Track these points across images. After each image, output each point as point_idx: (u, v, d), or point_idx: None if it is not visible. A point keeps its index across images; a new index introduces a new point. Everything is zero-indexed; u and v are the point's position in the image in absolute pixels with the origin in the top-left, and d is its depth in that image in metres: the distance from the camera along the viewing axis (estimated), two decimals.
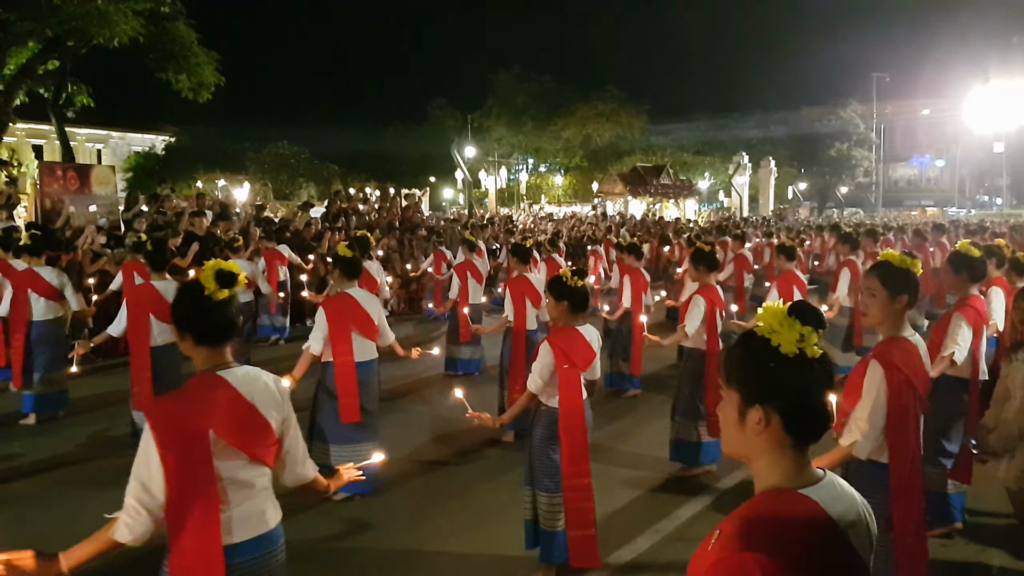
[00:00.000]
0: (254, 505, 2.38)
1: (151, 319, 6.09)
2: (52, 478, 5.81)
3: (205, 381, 2.36)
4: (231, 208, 15.26)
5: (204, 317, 2.37)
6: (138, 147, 43.07)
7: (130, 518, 2.20)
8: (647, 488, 5.62)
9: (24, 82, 18.95)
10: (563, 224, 22.29)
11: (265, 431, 2.39)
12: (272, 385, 2.47)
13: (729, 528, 1.42)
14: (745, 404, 1.50)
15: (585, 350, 4.13)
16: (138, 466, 2.22)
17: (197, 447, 2.23)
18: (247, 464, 2.35)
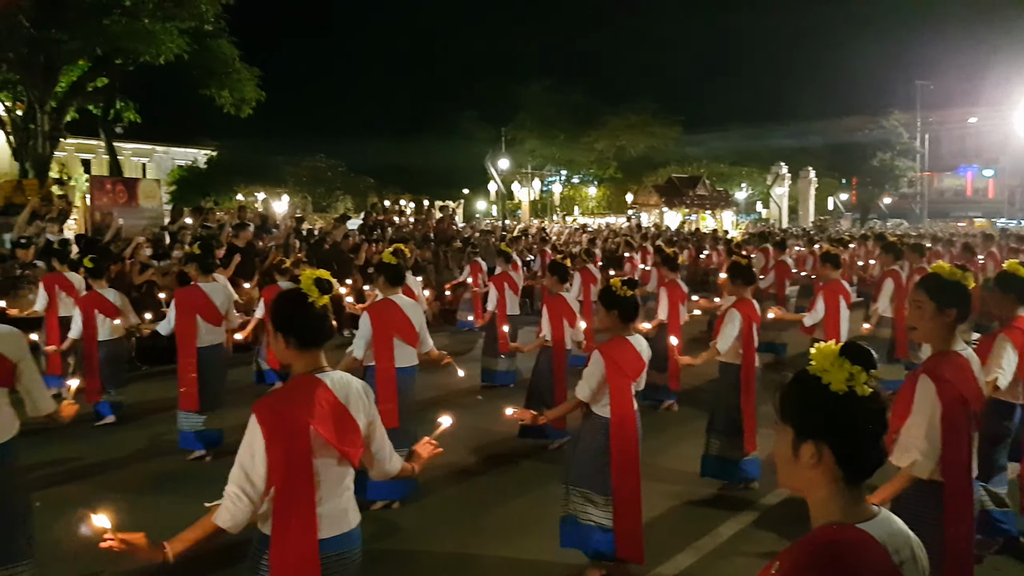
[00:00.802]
0: (340, 503, 2.53)
1: (198, 320, 6.24)
2: (101, 482, 5.96)
3: (305, 382, 2.50)
4: (271, 221, 15.52)
5: (307, 322, 2.51)
6: (181, 161, 44.10)
7: (232, 504, 2.36)
8: (687, 504, 5.57)
9: (75, 99, 19.54)
10: (598, 235, 22.20)
11: (355, 432, 2.53)
12: (361, 390, 2.60)
13: (789, 562, 1.46)
14: (798, 439, 1.55)
15: (636, 360, 4.18)
16: (242, 456, 2.38)
17: (300, 440, 2.38)
18: (337, 462, 2.50)
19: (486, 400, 8.73)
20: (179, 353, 6.33)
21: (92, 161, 38.87)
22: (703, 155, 50.34)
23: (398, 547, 4.80)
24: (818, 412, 1.52)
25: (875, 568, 1.45)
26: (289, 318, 2.53)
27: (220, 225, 13.44)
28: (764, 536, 4.99)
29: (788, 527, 4.68)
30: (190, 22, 17.74)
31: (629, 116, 48.84)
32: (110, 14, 16.23)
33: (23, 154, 18.90)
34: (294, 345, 2.52)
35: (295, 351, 2.53)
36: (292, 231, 14.77)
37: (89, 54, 18.30)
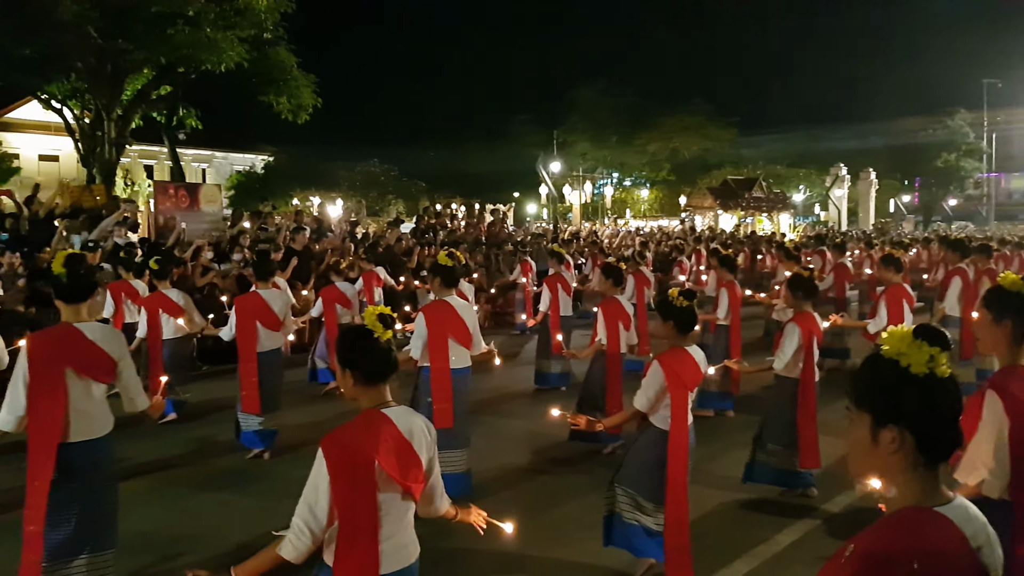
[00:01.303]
0: (402, 539, 2.54)
1: (258, 326, 6.38)
2: (159, 479, 6.11)
3: (371, 417, 2.52)
4: (327, 224, 15.79)
5: (372, 357, 2.53)
6: (239, 166, 45.22)
7: (296, 538, 2.41)
8: (744, 510, 5.47)
9: (140, 106, 20.23)
10: (650, 238, 21.99)
11: (417, 467, 2.54)
12: (424, 426, 2.62)
13: (864, 545, 1.45)
14: (877, 425, 1.53)
15: (694, 371, 4.15)
16: (307, 490, 2.42)
17: (365, 475, 2.40)
18: (400, 497, 2.51)
19: (539, 402, 8.71)
20: (240, 358, 6.47)
21: (154, 167, 40.19)
22: (759, 157, 49.47)
23: (450, 547, 4.82)
24: (899, 396, 1.51)
25: (954, 551, 1.44)
26: (354, 354, 2.56)
27: (277, 229, 13.74)
28: (822, 543, 4.88)
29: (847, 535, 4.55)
30: (250, 30, 18.19)
31: (683, 118, 48.24)
32: (174, 24, 16.74)
33: (91, 160, 19.65)
34: (360, 380, 2.55)
35: (361, 386, 2.56)
36: (347, 234, 15.01)
37: (153, 63, 18.91)
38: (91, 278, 3.94)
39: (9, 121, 36.56)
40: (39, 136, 36.16)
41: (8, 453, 6.48)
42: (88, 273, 3.88)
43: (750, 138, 49.84)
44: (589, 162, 49.53)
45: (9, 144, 34.15)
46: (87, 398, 3.69)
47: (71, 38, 16.76)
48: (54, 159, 37.28)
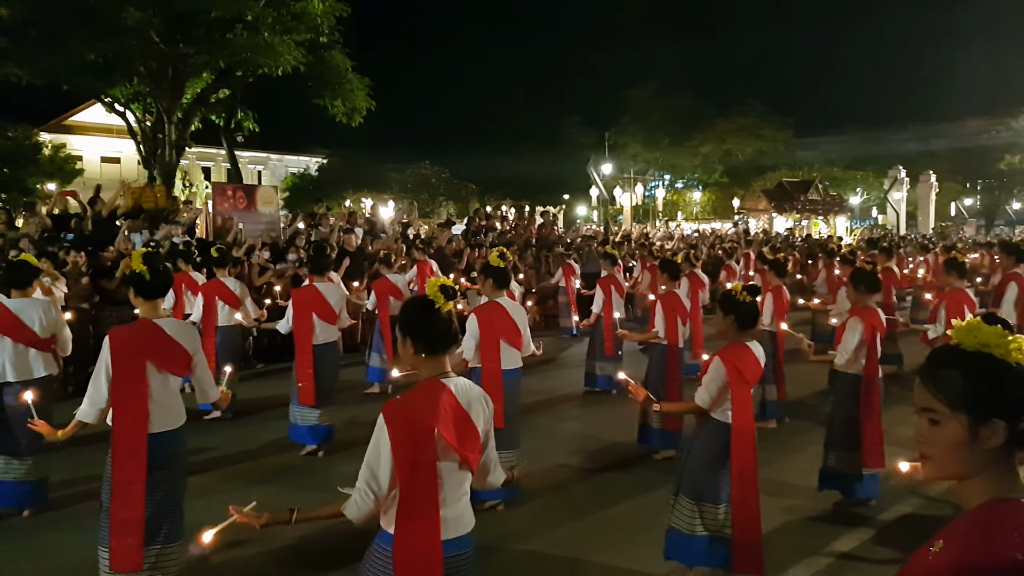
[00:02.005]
0: (459, 507, 2.59)
1: (314, 318, 6.47)
2: (214, 474, 6.21)
3: (431, 386, 2.56)
4: (380, 225, 15.96)
5: (433, 327, 2.58)
6: (294, 168, 46.17)
7: (360, 498, 2.48)
8: (799, 518, 5.34)
9: (199, 109, 20.74)
10: (703, 241, 21.67)
11: (475, 438, 2.59)
12: (482, 398, 2.67)
13: (956, 538, 1.40)
14: (977, 422, 1.45)
15: (755, 366, 4.12)
16: (370, 454, 2.48)
17: (425, 443, 2.45)
18: (458, 467, 2.55)
19: (588, 405, 8.66)
20: (296, 350, 6.58)
21: (212, 168, 41.25)
22: (815, 159, 48.44)
23: (498, 547, 4.81)
24: (1002, 388, 1.44)
25: None
26: (416, 323, 2.60)
27: (331, 230, 13.93)
28: (881, 552, 4.75)
29: (907, 544, 4.41)
30: (307, 34, 18.48)
31: (737, 119, 47.41)
32: (233, 28, 17.12)
33: (152, 162, 20.21)
34: (421, 350, 2.58)
35: (421, 356, 2.59)
36: (399, 235, 15.15)
37: (213, 67, 19.37)
38: (168, 276, 4.07)
39: (73, 124, 37.95)
40: (101, 139, 37.49)
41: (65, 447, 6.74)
42: (166, 271, 4.01)
43: (806, 140, 48.91)
44: (640, 164, 49.04)
45: (73, 146, 35.40)
46: (165, 391, 3.84)
47: (134, 43, 17.27)
48: (115, 161, 38.57)
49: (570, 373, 9.90)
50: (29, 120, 31.60)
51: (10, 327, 5.10)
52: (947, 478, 1.52)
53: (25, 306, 5.18)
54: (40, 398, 5.04)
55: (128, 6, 15.76)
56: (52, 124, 36.59)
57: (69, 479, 5.87)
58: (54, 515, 5.36)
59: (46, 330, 5.20)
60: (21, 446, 5.13)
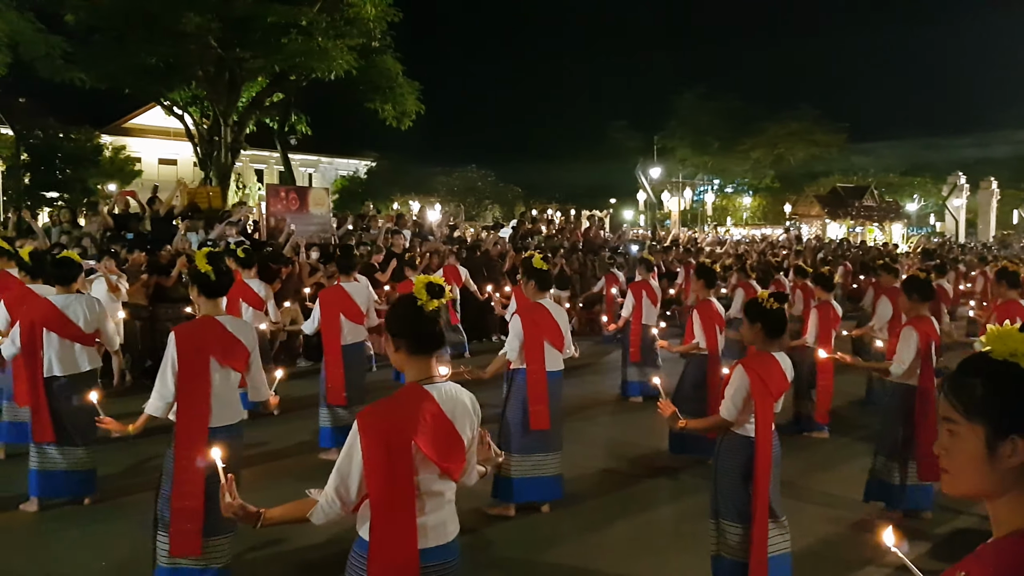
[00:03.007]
0: (441, 516, 2.49)
1: (342, 319, 6.50)
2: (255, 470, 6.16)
3: (412, 393, 2.47)
4: (427, 228, 16.07)
5: (416, 326, 2.50)
6: (344, 171, 46.81)
7: (327, 504, 2.41)
8: (845, 530, 5.20)
9: (254, 113, 21.21)
10: (753, 247, 21.30)
11: (459, 448, 2.48)
12: (469, 404, 2.56)
13: (982, 568, 1.31)
14: (996, 437, 1.35)
15: (780, 379, 3.93)
16: (341, 461, 2.39)
17: (401, 454, 2.36)
18: (438, 477, 2.46)
19: (625, 410, 8.56)
20: (325, 350, 6.60)
21: (264, 171, 42.08)
22: (870, 164, 47.26)
23: (536, 552, 4.77)
24: (1021, 402, 1.34)
25: None
26: (398, 322, 2.54)
27: (380, 232, 14.08)
28: (934, 566, 4.56)
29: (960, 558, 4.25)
30: (359, 39, 18.75)
31: (789, 123, 46.50)
32: (288, 33, 17.45)
33: (208, 164, 20.73)
34: (404, 350, 2.51)
35: (405, 356, 2.52)
36: (445, 238, 15.23)
37: (268, 71, 19.79)
38: (230, 275, 4.17)
39: (133, 127, 39.09)
40: (159, 141, 38.53)
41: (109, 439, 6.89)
42: (228, 271, 4.12)
43: (860, 145, 47.73)
44: (689, 168, 48.52)
45: (132, 148, 36.46)
46: (226, 386, 3.95)
47: (193, 48, 17.74)
48: (172, 163, 39.61)
49: (605, 379, 9.84)
50: (91, 123, 32.62)
51: (56, 323, 5.24)
52: (967, 495, 1.42)
53: (70, 302, 5.32)
54: (85, 392, 5.22)
55: (187, 11, 16.19)
56: (113, 127, 37.73)
57: (120, 471, 6.03)
58: (107, 505, 5.51)
59: (90, 325, 5.33)
60: (75, 436, 5.28)
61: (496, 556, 4.71)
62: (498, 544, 4.90)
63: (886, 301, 7.73)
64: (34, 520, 5.27)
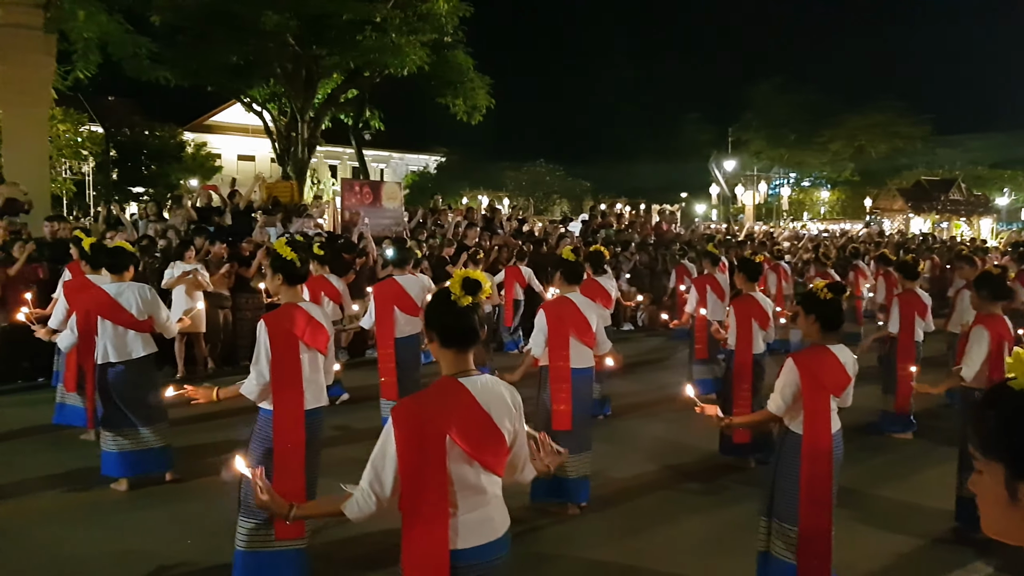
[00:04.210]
0: (484, 512, 2.43)
1: (396, 312, 6.54)
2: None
3: (447, 386, 2.45)
4: (498, 220, 16.11)
5: (449, 320, 2.47)
6: (414, 166, 47.45)
7: (361, 499, 2.39)
8: (926, 542, 4.91)
9: (329, 109, 21.65)
10: (832, 241, 20.59)
11: (498, 440, 2.43)
12: (508, 396, 2.51)
13: None
14: (1013, 478, 1.20)
15: (837, 372, 3.76)
16: (375, 455, 2.39)
17: (434, 448, 2.32)
18: (479, 471, 2.40)
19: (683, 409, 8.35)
20: (378, 344, 6.61)
21: (338, 166, 42.97)
22: (956, 157, 45.16)
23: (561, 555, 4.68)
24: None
25: None
26: (434, 317, 2.52)
27: (451, 225, 14.20)
28: None
29: None
30: (432, 35, 18.90)
31: (870, 115, 44.74)
32: (363, 30, 17.71)
33: (285, 159, 21.28)
34: (438, 343, 2.50)
35: (439, 348, 2.50)
36: (514, 232, 15.24)
37: (343, 68, 20.15)
38: (308, 265, 4.27)
39: (213, 124, 40.50)
40: (238, 138, 39.81)
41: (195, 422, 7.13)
42: (307, 260, 4.21)
43: (946, 137, 45.66)
44: (764, 161, 47.29)
45: (212, 145, 37.77)
46: (315, 369, 4.06)
47: (272, 46, 18.21)
48: (251, 159, 40.84)
49: (668, 375, 9.65)
50: (175, 120, 33.98)
51: (109, 310, 5.43)
52: (999, 538, 1.28)
53: (123, 290, 5.50)
54: (141, 377, 5.42)
55: (266, 10, 16.61)
56: (195, 124, 39.17)
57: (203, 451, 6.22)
58: (191, 485, 5.72)
59: (143, 312, 5.49)
60: (135, 419, 5.50)
61: (534, 552, 4.63)
62: (538, 540, 4.83)
63: (966, 295, 7.36)
64: (124, 498, 5.50)
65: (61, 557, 4.57)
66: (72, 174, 27.31)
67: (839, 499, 3.91)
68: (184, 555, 4.59)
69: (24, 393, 8.69)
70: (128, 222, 12.33)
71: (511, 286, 11.20)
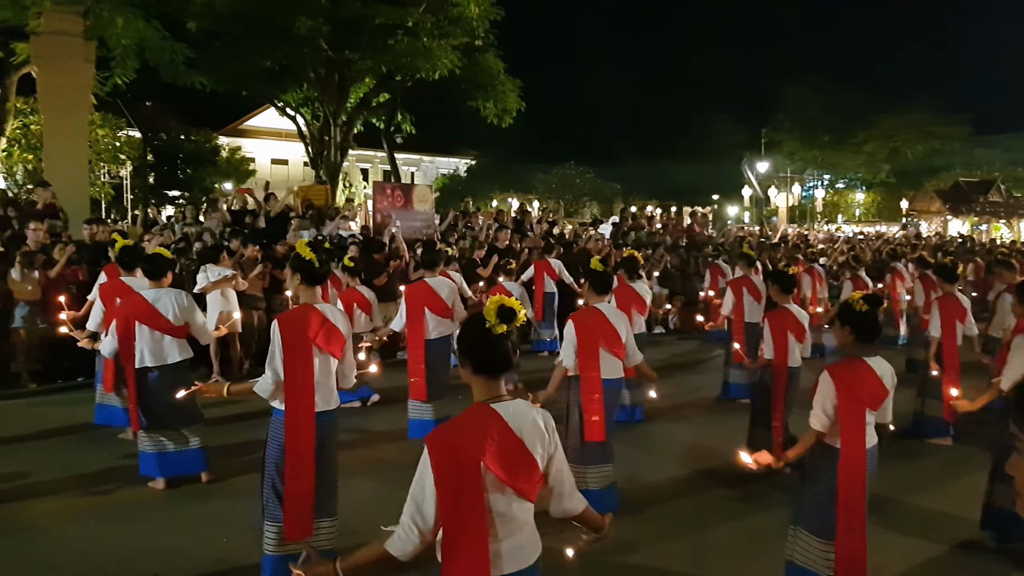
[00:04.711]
0: (518, 540, 2.41)
1: (426, 313, 6.54)
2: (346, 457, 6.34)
3: (479, 412, 2.42)
4: (528, 223, 16.09)
5: (483, 348, 2.45)
6: (444, 169, 47.67)
7: (404, 534, 2.34)
8: (948, 552, 4.80)
9: (362, 113, 21.83)
10: (867, 244, 20.26)
11: (531, 466, 2.40)
12: (540, 421, 2.48)
13: None
14: None
15: (874, 385, 3.68)
16: (414, 488, 2.35)
17: (469, 476, 2.30)
18: (511, 498, 2.38)
19: (715, 412, 8.26)
20: (408, 345, 6.68)
21: (369, 170, 43.33)
22: (995, 158, 44.13)
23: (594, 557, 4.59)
24: None
25: None
26: (465, 343, 2.50)
27: (481, 228, 14.22)
28: None
29: None
30: (463, 38, 18.95)
31: (906, 115, 43.87)
32: (395, 35, 17.83)
33: (318, 163, 21.49)
34: (471, 370, 2.48)
35: (471, 375, 2.49)
36: (544, 233, 15.21)
37: (375, 72, 20.29)
38: (328, 266, 4.30)
39: (247, 129, 41.05)
40: (272, 142, 40.30)
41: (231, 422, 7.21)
42: (327, 261, 4.23)
43: (984, 137, 44.63)
44: (798, 163, 46.65)
45: (246, 149, 38.28)
46: (326, 372, 4.07)
47: (305, 50, 18.39)
48: (284, 163, 41.35)
49: (701, 379, 9.56)
50: (209, 125, 34.50)
51: (147, 316, 5.53)
52: None
53: (161, 296, 5.60)
54: (176, 381, 5.45)
55: (300, 15, 16.80)
56: (229, 128, 39.71)
57: (235, 452, 6.29)
58: (226, 485, 5.81)
59: (179, 318, 5.58)
60: (172, 421, 5.61)
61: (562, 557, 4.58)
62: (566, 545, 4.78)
63: (1007, 299, 7.17)
64: (161, 497, 5.59)
65: (99, 554, 4.65)
66: (110, 178, 27.82)
67: (870, 505, 3.83)
68: (220, 552, 4.65)
69: (64, 392, 8.88)
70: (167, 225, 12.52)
71: (540, 279, 11.24)
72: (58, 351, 9.06)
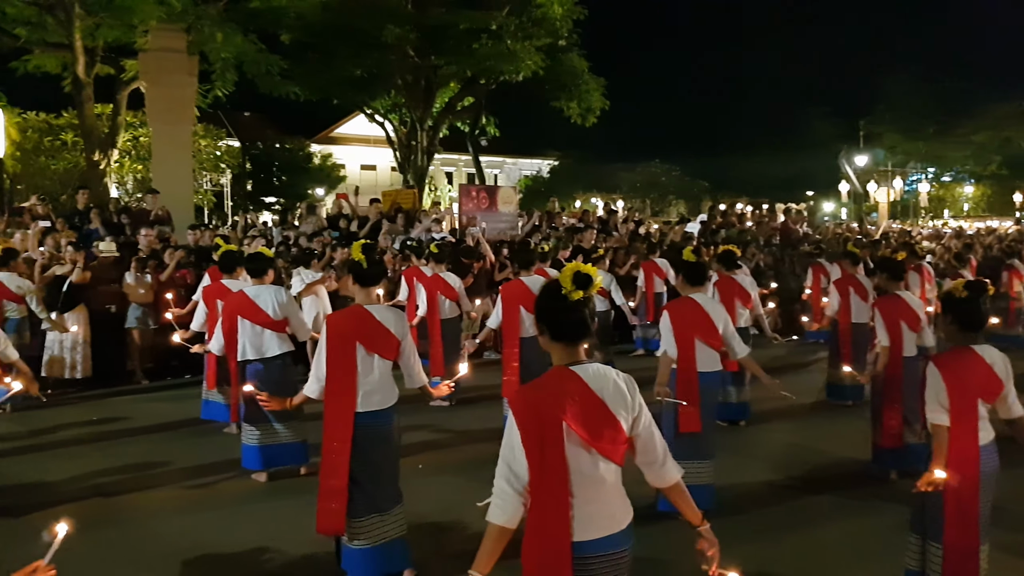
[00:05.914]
0: (604, 503, 2.39)
1: (522, 311, 6.55)
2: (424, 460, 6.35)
3: (559, 374, 2.45)
4: (613, 223, 15.95)
5: (558, 314, 2.46)
6: (527, 171, 47.82)
7: (500, 499, 2.34)
8: None
9: (447, 117, 22.19)
10: (978, 240, 19.11)
11: (613, 427, 2.39)
12: (622, 384, 2.46)
13: None
14: None
15: (984, 373, 3.45)
16: (504, 449, 2.38)
17: (551, 434, 2.31)
18: (595, 458, 2.36)
19: (819, 415, 7.94)
20: (504, 343, 6.74)
21: (453, 173, 43.94)
22: None
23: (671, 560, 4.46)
24: None
25: None
26: (540, 310, 2.52)
27: (566, 228, 14.16)
28: None
29: None
30: (546, 39, 18.99)
31: (1020, 102, 41.05)
32: (479, 38, 18.04)
33: (405, 167, 21.95)
34: (548, 336, 2.50)
35: (548, 341, 2.50)
36: (630, 233, 15.02)
37: (460, 76, 20.59)
38: (382, 267, 4.37)
39: (338, 136, 42.34)
40: (360, 148, 41.41)
41: None
42: (381, 262, 4.28)
43: None
44: (899, 156, 44.44)
45: (336, 156, 39.47)
46: (372, 372, 4.06)
47: (393, 58, 18.85)
48: (372, 168, 42.43)
49: (804, 380, 9.20)
50: (302, 133, 35.79)
51: (248, 311, 5.77)
52: None
53: (261, 292, 5.83)
54: (276, 374, 5.69)
55: (388, 24, 17.20)
56: (320, 136, 41.09)
57: None
58: None
59: (278, 314, 5.79)
60: (271, 414, 5.75)
61: (655, 555, 4.40)
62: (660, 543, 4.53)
63: None
64: (263, 489, 5.81)
65: (204, 543, 4.84)
66: (212, 186, 29.24)
67: (994, 518, 3.58)
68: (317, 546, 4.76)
69: (173, 389, 9.36)
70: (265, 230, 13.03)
71: (650, 279, 11.16)
72: (168, 349, 9.56)
